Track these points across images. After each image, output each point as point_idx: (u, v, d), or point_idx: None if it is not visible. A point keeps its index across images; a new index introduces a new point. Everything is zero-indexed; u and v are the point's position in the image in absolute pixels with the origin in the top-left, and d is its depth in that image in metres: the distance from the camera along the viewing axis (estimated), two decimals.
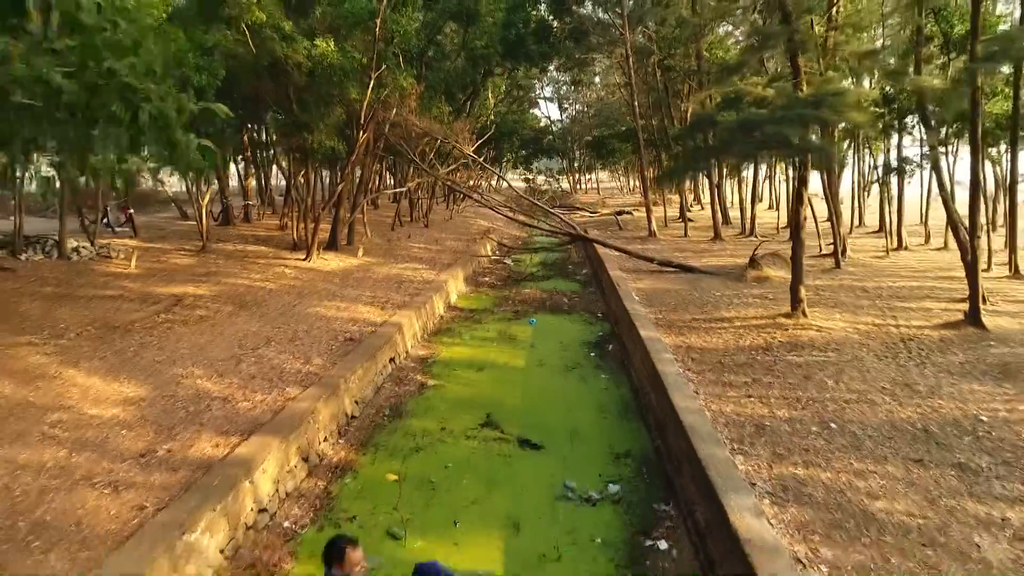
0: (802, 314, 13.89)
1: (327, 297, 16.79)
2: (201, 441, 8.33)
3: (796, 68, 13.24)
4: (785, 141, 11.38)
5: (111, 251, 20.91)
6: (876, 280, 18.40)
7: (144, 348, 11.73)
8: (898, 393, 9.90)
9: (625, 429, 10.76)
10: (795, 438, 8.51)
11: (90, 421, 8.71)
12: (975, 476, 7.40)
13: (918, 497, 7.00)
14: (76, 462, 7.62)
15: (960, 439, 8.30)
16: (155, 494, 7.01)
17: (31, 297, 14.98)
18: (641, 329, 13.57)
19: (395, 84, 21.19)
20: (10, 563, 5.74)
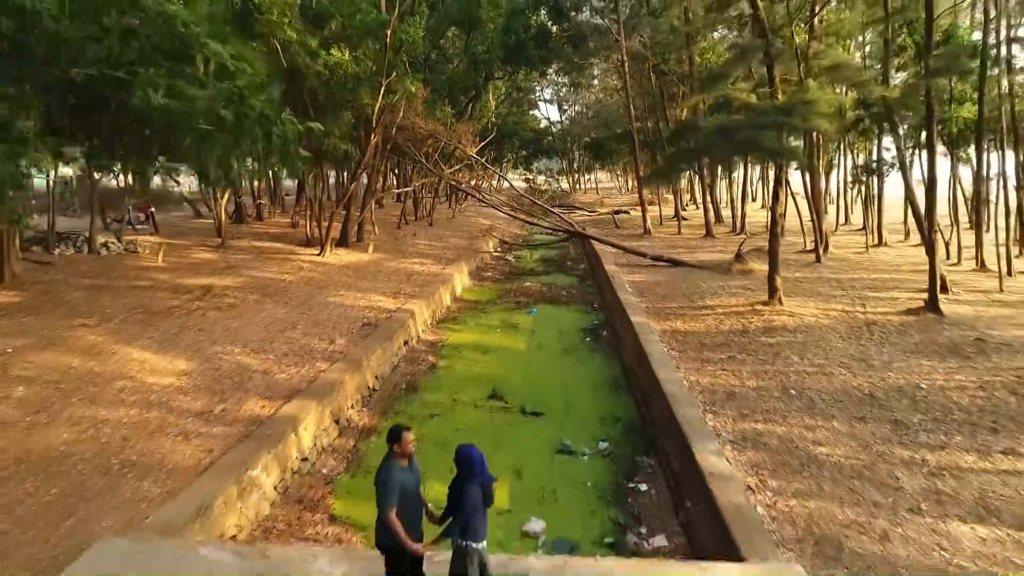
0: (778, 302, 15.28)
1: (343, 288, 18.17)
2: (249, 403, 9.71)
3: (771, 78, 14.63)
4: (758, 145, 12.75)
5: (138, 247, 22.32)
6: (852, 273, 19.79)
7: (185, 330, 13.10)
8: (854, 367, 11.28)
9: (615, 401, 12.14)
10: (759, 402, 9.89)
11: (151, 387, 10.09)
12: (906, 429, 8.79)
13: (855, 445, 8.39)
14: (147, 418, 9.01)
15: (900, 402, 9.68)
16: (218, 441, 8.39)
17: (73, 287, 16.34)
18: (632, 315, 14.95)
19: (404, 90, 22.55)
20: (113, 488, 7.12)
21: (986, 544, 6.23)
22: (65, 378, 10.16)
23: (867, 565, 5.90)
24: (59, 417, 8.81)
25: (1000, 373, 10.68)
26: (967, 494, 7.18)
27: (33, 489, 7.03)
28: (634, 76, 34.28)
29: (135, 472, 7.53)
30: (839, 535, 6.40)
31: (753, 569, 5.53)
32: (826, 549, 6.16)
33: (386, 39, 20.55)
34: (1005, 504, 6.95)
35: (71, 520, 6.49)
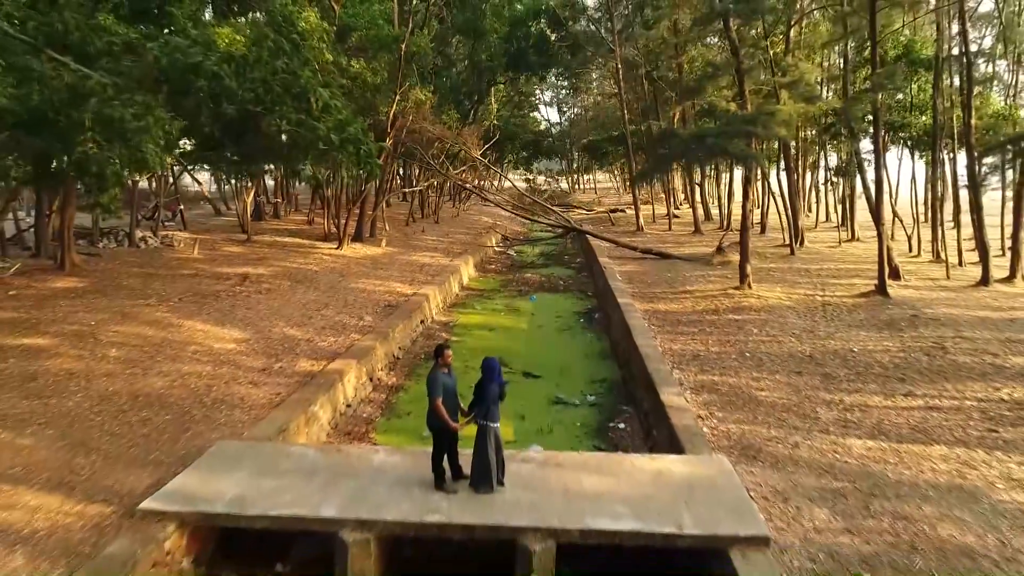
0: (748, 287, 17.44)
1: (363, 276, 20.34)
2: (300, 362, 11.87)
3: (741, 91, 16.77)
4: (725, 150, 14.90)
5: (173, 241, 24.50)
6: (821, 264, 21.94)
7: (234, 308, 15.27)
8: (802, 337, 13.44)
9: (603, 366, 14.31)
10: (718, 362, 12.05)
11: (218, 351, 12.25)
12: (832, 380, 10.94)
13: (789, 391, 10.54)
14: (221, 372, 11.17)
15: (832, 361, 11.84)
16: (282, 388, 10.55)
17: (126, 275, 18.52)
18: (620, 298, 17.10)
19: (415, 97, 24.70)
20: (211, 416, 9.28)
21: (870, 451, 8.38)
22: (146, 343, 12.34)
23: (775, 461, 8.06)
24: (151, 371, 10.98)
25: (921, 340, 12.85)
26: (868, 422, 9.32)
27: (151, 416, 9.20)
28: (628, 82, 36.43)
29: (224, 406, 9.70)
30: (761, 445, 8.55)
31: (689, 458, 7.69)
32: (748, 452, 8.31)
33: (400, 51, 22.71)
34: (894, 428, 9.10)
35: (189, 432, 8.67)
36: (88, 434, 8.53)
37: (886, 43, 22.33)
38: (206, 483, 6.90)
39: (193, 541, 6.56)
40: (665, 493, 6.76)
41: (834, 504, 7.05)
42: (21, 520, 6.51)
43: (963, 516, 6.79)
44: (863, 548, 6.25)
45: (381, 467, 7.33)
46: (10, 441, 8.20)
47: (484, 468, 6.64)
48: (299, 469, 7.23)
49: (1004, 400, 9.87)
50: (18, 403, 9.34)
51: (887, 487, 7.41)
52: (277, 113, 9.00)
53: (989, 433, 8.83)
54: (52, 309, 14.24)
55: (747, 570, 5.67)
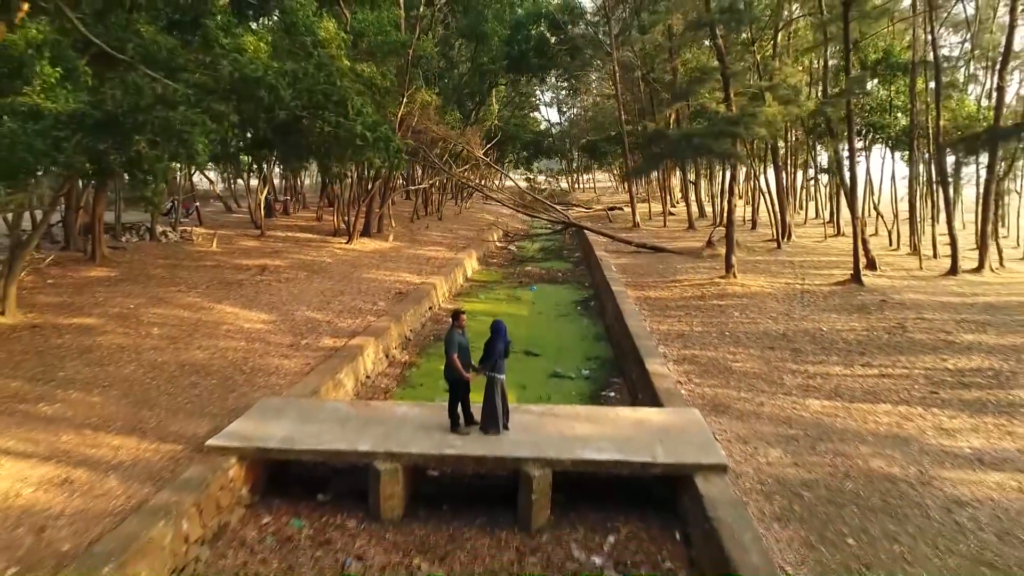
0: (733, 276, 18.73)
1: (374, 267, 21.65)
2: (324, 339, 13.19)
3: (727, 94, 18.07)
4: (710, 149, 16.20)
5: (192, 235, 25.82)
6: (804, 257, 23.24)
7: (259, 294, 16.59)
8: (778, 319, 14.75)
9: (597, 346, 15.62)
10: (699, 339, 13.37)
11: (248, 330, 13.57)
12: (800, 354, 12.25)
13: (761, 362, 11.85)
14: (254, 347, 12.49)
15: (802, 339, 13.15)
16: (310, 359, 11.86)
17: (153, 265, 19.85)
18: (613, 286, 18.41)
19: (421, 99, 25.99)
20: (251, 380, 10.60)
21: (824, 408, 9.68)
22: (183, 323, 13.67)
23: (741, 415, 9.37)
24: (191, 345, 12.31)
25: (885, 321, 14.16)
26: (826, 387, 10.63)
27: (198, 380, 10.52)
28: (625, 84, 37.71)
29: (261, 373, 11.02)
30: (730, 403, 9.87)
31: (666, 410, 9.00)
32: (718, 408, 9.62)
33: (408, 56, 24.01)
34: (848, 391, 10.40)
35: (234, 393, 9.99)
36: (147, 394, 9.86)
37: (867, 48, 23.66)
38: (258, 427, 8.21)
39: (250, 473, 7.88)
40: (643, 434, 8.07)
41: (786, 446, 8.37)
42: (108, 455, 7.84)
43: (893, 454, 8.10)
44: (805, 476, 7.57)
45: (404, 417, 8.64)
46: (83, 399, 9.53)
47: (492, 413, 7.95)
48: (334, 418, 8.55)
49: (948, 369, 11.19)
50: (82, 369, 10.67)
51: (833, 434, 8.73)
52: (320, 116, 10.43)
53: (930, 395, 10.14)
54: (92, 295, 15.58)
55: (707, 489, 6.98)
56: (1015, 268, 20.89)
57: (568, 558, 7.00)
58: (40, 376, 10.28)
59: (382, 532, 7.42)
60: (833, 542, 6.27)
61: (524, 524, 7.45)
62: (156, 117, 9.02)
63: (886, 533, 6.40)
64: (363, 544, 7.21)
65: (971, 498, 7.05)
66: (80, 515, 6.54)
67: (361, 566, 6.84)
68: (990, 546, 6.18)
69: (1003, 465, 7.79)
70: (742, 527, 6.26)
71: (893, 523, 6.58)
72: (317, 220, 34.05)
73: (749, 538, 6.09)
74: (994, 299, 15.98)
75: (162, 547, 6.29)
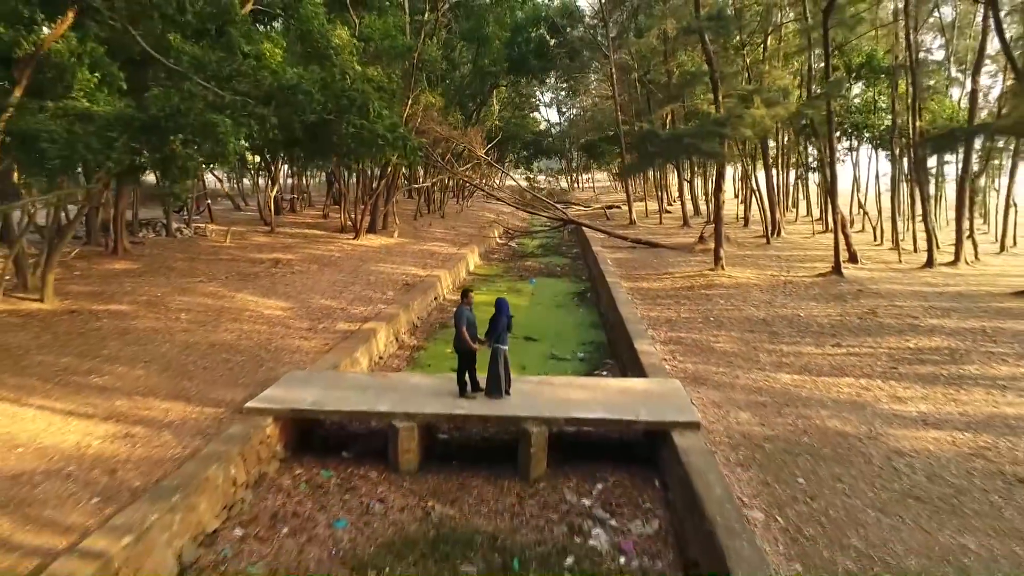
0: (721, 268, 19.84)
1: (381, 261, 22.75)
2: (339, 323, 14.29)
3: (716, 96, 19.16)
4: (698, 148, 17.29)
5: (205, 231, 26.94)
6: (792, 251, 24.34)
7: (275, 284, 17.69)
8: (760, 306, 15.85)
9: (591, 333, 16.72)
10: (686, 324, 14.47)
11: (269, 315, 14.68)
12: (777, 336, 13.35)
13: (740, 343, 12.95)
14: (276, 330, 13.59)
15: (780, 323, 14.25)
16: (328, 340, 12.96)
17: (172, 259, 20.96)
18: (608, 278, 19.51)
19: (426, 101, 27.09)
20: (277, 357, 11.69)
21: (793, 381, 10.78)
22: (208, 309, 14.77)
23: (717, 385, 10.48)
24: (219, 328, 13.41)
25: (859, 308, 15.26)
26: (798, 364, 11.73)
27: (229, 357, 11.63)
28: (622, 85, 38.79)
29: (285, 352, 12.12)
30: (708, 376, 10.97)
31: (650, 380, 10.10)
32: (697, 380, 10.73)
33: (413, 60, 25.11)
34: (817, 367, 11.49)
35: (263, 367, 11.09)
36: (185, 368, 10.96)
37: (852, 52, 24.76)
38: (289, 393, 9.31)
39: (283, 431, 8.98)
40: (629, 399, 9.17)
41: (754, 410, 9.48)
42: (159, 416, 8.95)
43: (849, 417, 9.20)
44: (768, 432, 8.68)
45: (417, 385, 9.75)
46: (128, 372, 10.64)
47: (495, 380, 9.05)
48: (355, 386, 9.65)
49: (909, 348, 12.29)
50: (123, 348, 11.78)
51: (798, 401, 9.83)
52: (346, 119, 11.59)
53: (890, 370, 11.24)
54: (119, 285, 16.69)
55: (682, 442, 8.07)
56: (990, 261, 21.99)
57: (562, 501, 8.10)
58: (87, 353, 11.39)
59: (400, 481, 8.52)
60: (785, 481, 7.38)
61: (524, 475, 8.55)
62: (195, 120, 10.12)
63: (832, 475, 7.51)
64: (384, 490, 8.32)
65: (910, 450, 8.15)
66: (144, 460, 7.65)
67: (383, 507, 7.94)
68: (919, 485, 7.29)
69: (943, 425, 8.90)
70: (709, 470, 7.36)
71: (839, 467, 7.68)
72: (323, 217, 35.19)
73: (714, 478, 7.18)
74: (963, 289, 17.09)
75: (216, 486, 7.39)
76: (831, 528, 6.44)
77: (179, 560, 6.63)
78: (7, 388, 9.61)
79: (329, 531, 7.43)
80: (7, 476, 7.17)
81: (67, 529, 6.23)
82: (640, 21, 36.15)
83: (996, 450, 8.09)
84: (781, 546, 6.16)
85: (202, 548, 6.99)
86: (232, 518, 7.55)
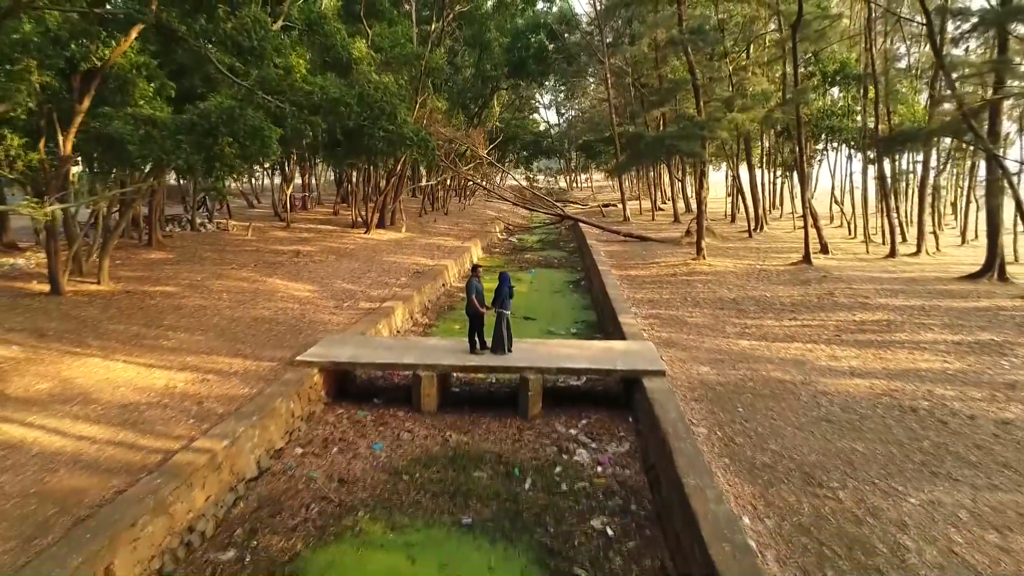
0: (703, 258, 21.83)
1: (392, 252, 24.75)
2: (361, 303, 16.29)
3: (698, 102, 21.16)
4: (679, 149, 19.28)
5: (227, 226, 28.94)
6: (771, 244, 26.35)
7: (300, 271, 19.69)
8: (733, 289, 17.85)
9: (584, 313, 18.72)
10: (666, 303, 16.47)
11: (299, 296, 16.67)
12: (743, 312, 15.35)
13: (711, 318, 14.94)
14: (307, 307, 15.59)
15: (748, 302, 16.25)
16: (353, 316, 14.96)
17: (202, 250, 22.96)
18: (600, 266, 21.51)
19: (431, 104, 29.10)
20: (312, 327, 13.69)
21: (751, 345, 12.77)
22: (244, 291, 16.77)
23: (685, 348, 12.47)
24: (257, 306, 15.41)
25: (819, 290, 17.25)
26: (757, 333, 13.71)
27: (271, 327, 13.62)
28: (617, 88, 40.79)
29: (318, 323, 14.12)
30: (679, 341, 12.97)
31: (628, 342, 12.10)
32: (669, 344, 12.72)
33: (421, 67, 27.12)
34: (773, 336, 13.48)
35: (302, 334, 13.09)
36: (236, 335, 12.96)
37: (827, 61, 26.76)
38: (328, 350, 11.31)
39: (326, 380, 10.98)
40: (609, 355, 11.17)
41: (713, 365, 11.47)
42: (225, 367, 10.94)
43: (790, 370, 11.19)
44: (720, 379, 10.67)
45: (435, 345, 11.76)
46: (188, 337, 12.63)
47: (500, 339, 11.05)
48: (383, 346, 11.66)
49: (855, 321, 14.29)
50: (179, 320, 13.78)
51: (751, 359, 11.83)
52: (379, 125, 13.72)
53: (834, 337, 13.23)
54: (160, 271, 18.70)
55: (650, 384, 10.05)
56: (950, 252, 24.00)
57: (553, 432, 10.10)
58: (151, 323, 13.39)
59: (423, 419, 10.51)
60: (728, 410, 9.38)
61: (523, 414, 10.55)
62: (246, 125, 12.12)
63: (766, 407, 9.50)
64: (410, 425, 10.32)
65: (833, 391, 10.14)
66: (222, 396, 9.64)
67: (410, 436, 9.94)
68: (833, 413, 9.28)
69: (865, 376, 10.89)
70: (668, 402, 9.34)
71: (773, 402, 9.68)
72: (334, 214, 37.19)
73: (671, 407, 9.17)
74: (916, 275, 19.10)
75: (280, 415, 9.39)
76: (756, 438, 8.43)
77: (258, 465, 8.63)
78: (94, 349, 11.61)
79: (369, 451, 9.43)
80: (119, 405, 9.18)
81: (177, 437, 8.23)
82: (634, 28, 38.14)
83: (902, 392, 10.08)
84: (716, 448, 8.15)
85: (273, 459, 8.99)
86: (292, 441, 9.56)
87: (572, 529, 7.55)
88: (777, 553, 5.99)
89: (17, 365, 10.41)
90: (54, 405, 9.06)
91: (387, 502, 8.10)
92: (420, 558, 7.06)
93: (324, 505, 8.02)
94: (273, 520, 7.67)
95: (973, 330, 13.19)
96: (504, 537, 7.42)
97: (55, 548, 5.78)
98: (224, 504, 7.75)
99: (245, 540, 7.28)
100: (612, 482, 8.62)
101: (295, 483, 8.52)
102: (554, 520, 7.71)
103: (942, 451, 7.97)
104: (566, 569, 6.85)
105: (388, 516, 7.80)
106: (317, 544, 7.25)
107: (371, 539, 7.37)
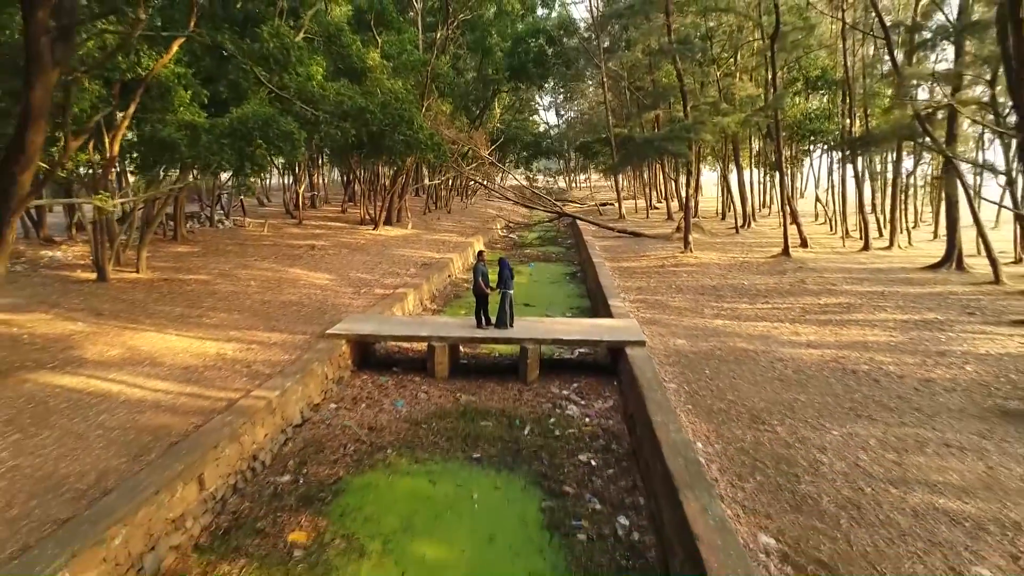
0: (690, 251, 23.52)
1: (401, 247, 26.45)
2: (376, 289, 17.98)
3: (684, 106, 22.84)
4: (667, 150, 20.96)
5: (244, 223, 30.64)
6: (756, 239, 28.04)
7: (318, 263, 21.38)
8: (715, 278, 19.53)
9: (578, 301, 20.42)
10: (652, 290, 18.16)
11: (319, 284, 18.36)
12: (721, 297, 17.04)
13: (691, 302, 16.63)
14: (328, 293, 17.29)
15: (727, 289, 17.93)
16: (371, 300, 16.64)
17: (224, 244, 24.65)
18: (595, 259, 23.21)
19: (437, 108, 30.79)
20: (336, 308, 15.38)
21: (724, 324, 14.44)
22: (269, 280, 18.46)
23: (666, 325, 14.16)
24: (283, 292, 17.10)
25: (793, 278, 18.94)
26: (731, 314, 15.40)
27: (299, 309, 15.31)
28: (614, 92, 42.49)
29: (340, 306, 15.81)
30: (660, 320, 14.66)
31: (615, 320, 13.80)
32: (652, 323, 14.41)
33: (427, 73, 28.82)
34: (745, 317, 15.18)
35: (327, 315, 14.78)
36: (269, 315, 14.65)
37: (810, 67, 28.45)
38: (353, 326, 13.00)
39: (352, 350, 12.67)
40: (598, 329, 12.86)
41: (687, 338, 13.16)
42: (265, 339, 12.64)
43: (754, 342, 12.88)
44: (693, 349, 12.36)
45: (446, 322, 13.47)
46: (228, 317, 14.32)
47: (503, 316, 12.74)
48: (400, 322, 13.35)
49: (819, 304, 15.98)
50: (217, 303, 15.47)
51: (722, 334, 13.51)
52: (399, 130, 15.53)
53: (799, 317, 14.92)
54: (190, 262, 20.38)
55: (632, 352, 11.74)
56: (921, 247, 25.66)
57: (548, 392, 11.79)
58: (192, 305, 15.08)
59: (436, 383, 12.21)
60: (696, 372, 11.06)
61: (523, 379, 12.24)
62: (279, 129, 13.84)
63: (729, 369, 11.19)
64: (426, 387, 12.01)
65: (789, 358, 11.83)
66: (266, 361, 11.34)
67: (427, 396, 11.63)
68: (785, 374, 10.96)
69: (819, 347, 12.57)
70: (646, 365, 11.03)
71: (735, 366, 11.36)
72: (342, 212, 38.89)
73: (649, 369, 10.85)
74: (883, 266, 20.79)
75: (317, 376, 11.08)
76: (716, 391, 10.12)
77: (302, 415, 10.33)
78: (147, 325, 13.30)
79: (392, 407, 11.13)
80: (181, 367, 10.87)
81: (236, 389, 9.92)
82: (630, 34, 39.82)
83: (847, 359, 11.76)
84: (683, 398, 9.84)
85: (312, 412, 10.69)
86: (327, 398, 11.26)
87: (563, 461, 9.24)
88: (720, 465, 7.68)
89: (87, 336, 12.11)
90: (127, 366, 10.76)
91: (410, 443, 9.79)
92: (439, 481, 8.75)
93: (358, 445, 9.71)
94: (318, 455, 9.37)
95: (922, 311, 14.89)
96: (507, 468, 9.12)
97: (160, 459, 7.47)
98: (277, 442, 9.45)
99: (297, 468, 8.97)
100: (597, 429, 10.32)
101: (332, 429, 10.22)
102: (548, 455, 9.41)
103: (868, 400, 9.66)
104: (557, 488, 8.53)
105: (412, 453, 9.50)
106: (356, 472, 8.95)
107: (399, 469, 9.07)
